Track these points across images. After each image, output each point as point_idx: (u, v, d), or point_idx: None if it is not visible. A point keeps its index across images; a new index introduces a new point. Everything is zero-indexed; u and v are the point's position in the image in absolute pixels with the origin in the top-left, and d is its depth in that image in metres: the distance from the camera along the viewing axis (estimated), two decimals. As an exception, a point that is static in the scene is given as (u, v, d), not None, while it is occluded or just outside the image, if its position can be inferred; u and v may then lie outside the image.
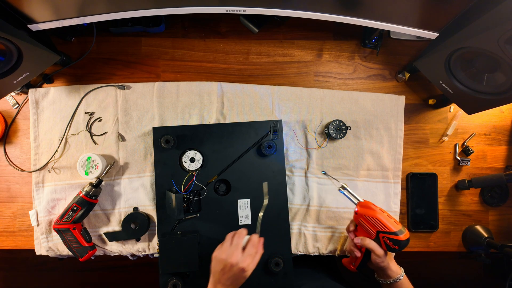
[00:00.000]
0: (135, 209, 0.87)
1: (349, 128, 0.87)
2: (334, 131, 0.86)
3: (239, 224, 0.83)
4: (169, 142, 0.82)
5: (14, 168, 0.89)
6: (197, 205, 0.83)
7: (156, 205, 0.84)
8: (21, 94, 0.90)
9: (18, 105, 0.89)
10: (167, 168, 0.83)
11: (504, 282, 0.87)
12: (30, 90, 0.88)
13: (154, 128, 0.85)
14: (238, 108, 0.89)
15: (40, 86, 0.89)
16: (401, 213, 0.90)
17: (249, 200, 0.84)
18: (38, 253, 0.88)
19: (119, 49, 0.91)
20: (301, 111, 0.90)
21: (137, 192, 0.87)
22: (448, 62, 0.73)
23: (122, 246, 0.87)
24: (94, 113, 0.88)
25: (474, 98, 0.75)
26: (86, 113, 0.88)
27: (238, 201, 0.84)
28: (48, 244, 0.87)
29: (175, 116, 0.88)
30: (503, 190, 0.92)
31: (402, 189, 0.90)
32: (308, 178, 0.88)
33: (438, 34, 0.72)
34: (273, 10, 0.73)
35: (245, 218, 0.84)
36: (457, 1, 0.63)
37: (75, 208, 0.80)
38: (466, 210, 0.92)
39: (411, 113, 0.92)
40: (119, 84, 0.88)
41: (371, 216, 0.69)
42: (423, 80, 0.92)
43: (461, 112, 0.90)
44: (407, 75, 0.90)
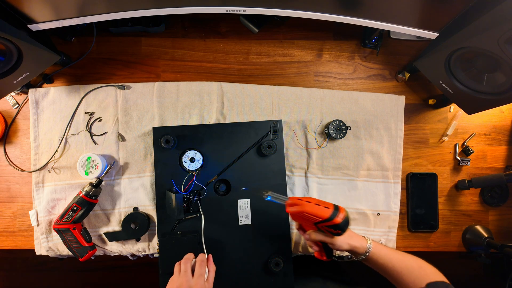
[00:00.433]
0: (135, 209, 0.87)
1: (349, 128, 0.87)
2: (334, 131, 0.86)
3: (239, 224, 0.83)
4: (169, 142, 0.82)
5: (14, 168, 0.89)
6: (197, 205, 0.83)
7: (156, 205, 0.84)
8: (21, 94, 0.90)
9: (18, 105, 0.89)
10: (167, 168, 0.83)
11: (504, 282, 0.87)
12: (30, 90, 0.88)
13: (154, 128, 0.85)
14: (238, 108, 0.89)
15: (40, 86, 0.89)
16: (401, 213, 0.90)
17: (249, 200, 0.84)
18: (38, 253, 0.88)
19: (119, 49, 0.92)
20: (301, 111, 0.90)
21: (137, 192, 0.87)
22: (448, 62, 0.73)
23: (122, 246, 0.87)
24: (94, 113, 0.88)
25: (474, 98, 0.75)
26: (86, 113, 0.88)
27: (238, 201, 0.84)
28: (48, 244, 0.87)
29: (175, 116, 0.88)
30: (503, 190, 0.92)
31: (402, 189, 0.90)
32: (308, 178, 0.88)
33: (438, 34, 0.72)
34: (273, 10, 0.73)
35: (245, 218, 0.84)
36: (457, 1, 0.63)
37: (75, 208, 0.80)
38: (466, 210, 0.92)
39: (411, 113, 0.92)
40: (119, 84, 0.89)
41: (299, 212, 0.65)
42: (423, 80, 0.92)
43: (461, 112, 0.90)
44: (407, 75, 0.90)
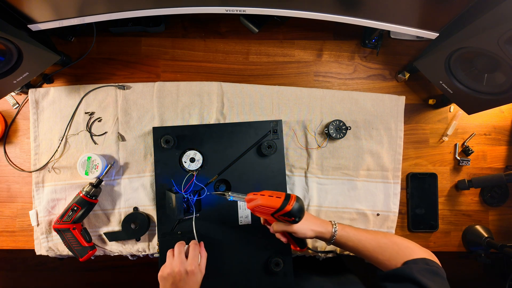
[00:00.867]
0: (135, 209, 0.87)
1: (349, 128, 0.87)
2: (334, 131, 0.86)
3: (239, 224, 0.83)
4: (169, 142, 0.82)
5: (14, 168, 0.89)
6: (197, 205, 0.83)
7: (156, 205, 0.84)
8: (21, 94, 0.90)
9: (18, 105, 0.89)
10: (167, 168, 0.83)
11: (504, 282, 0.87)
12: (30, 90, 0.88)
13: (154, 128, 0.85)
14: (238, 108, 0.89)
15: (40, 86, 0.89)
16: (401, 213, 0.90)
17: (249, 200, 0.84)
18: (38, 253, 0.88)
19: (119, 49, 0.92)
20: (301, 111, 0.90)
21: (137, 192, 0.87)
22: (448, 62, 0.73)
23: (122, 246, 0.87)
24: (94, 113, 0.88)
25: (474, 98, 0.75)
26: (86, 113, 0.88)
27: (238, 201, 0.84)
28: (48, 244, 0.87)
29: (175, 116, 0.88)
30: (503, 190, 0.92)
31: (402, 189, 0.90)
32: (308, 178, 0.88)
33: (438, 34, 0.72)
34: (273, 10, 0.73)
35: (245, 218, 0.84)
36: (457, 1, 0.63)
37: (75, 208, 0.80)
38: (466, 210, 0.92)
39: (411, 113, 0.92)
40: (119, 84, 0.89)
41: (256, 206, 0.66)
42: (423, 80, 0.92)
43: (461, 112, 0.90)
44: (407, 75, 0.90)
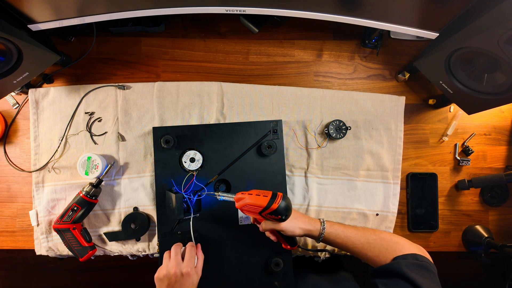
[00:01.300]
0: (135, 209, 0.87)
1: (349, 128, 0.87)
2: (334, 131, 0.86)
3: (239, 224, 0.83)
4: (169, 142, 0.82)
5: (14, 168, 0.89)
6: (197, 205, 0.83)
7: (156, 205, 0.84)
8: (21, 94, 0.90)
9: (18, 105, 0.89)
10: (167, 168, 0.83)
11: (504, 282, 0.87)
12: (30, 90, 0.88)
13: (154, 128, 0.85)
14: (238, 108, 0.89)
15: (40, 86, 0.89)
16: (401, 213, 0.90)
17: (249, 200, 0.84)
18: (38, 253, 0.88)
19: (119, 49, 0.92)
20: (301, 111, 0.90)
21: (137, 192, 0.87)
22: (448, 62, 0.73)
23: (122, 246, 0.87)
24: (94, 113, 0.88)
25: (474, 98, 0.75)
26: (86, 113, 0.88)
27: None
28: (48, 244, 0.87)
29: (175, 116, 0.88)
30: (503, 190, 0.92)
31: (401, 189, 0.90)
32: (308, 178, 0.88)
33: (438, 34, 0.72)
34: (273, 10, 0.73)
35: (245, 218, 0.84)
36: (457, 1, 0.63)
37: (75, 208, 0.80)
38: (466, 210, 0.92)
39: (411, 113, 0.92)
40: (119, 84, 0.89)
41: (244, 205, 0.66)
42: (423, 80, 0.92)
43: (461, 112, 0.90)
44: (407, 75, 0.90)
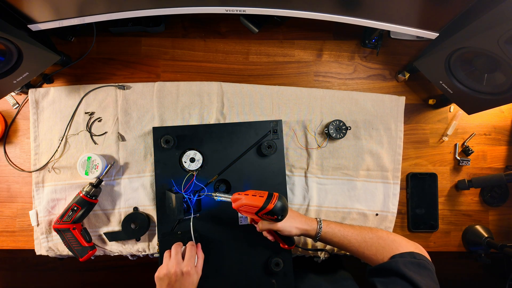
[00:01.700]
0: (135, 209, 0.87)
1: (349, 128, 0.87)
2: (334, 131, 0.86)
3: (239, 224, 0.83)
4: (169, 142, 0.82)
5: (14, 168, 0.89)
6: (197, 205, 0.83)
7: (156, 205, 0.84)
8: (21, 94, 0.90)
9: (18, 105, 0.89)
10: (167, 168, 0.83)
11: (504, 282, 0.87)
12: (30, 90, 0.88)
13: (154, 128, 0.85)
14: (238, 108, 0.89)
15: (40, 86, 0.89)
16: (401, 213, 0.90)
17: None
18: (38, 253, 0.88)
19: (119, 49, 0.92)
20: (301, 111, 0.90)
21: (137, 192, 0.87)
22: (448, 62, 0.73)
23: (122, 246, 0.87)
24: (94, 113, 0.88)
25: (474, 98, 0.75)
26: (86, 113, 0.88)
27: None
28: (48, 244, 0.87)
29: (175, 116, 0.88)
30: (503, 190, 0.92)
31: (401, 189, 0.90)
32: (308, 178, 0.88)
33: (438, 34, 0.72)
34: (273, 10, 0.73)
35: (244, 218, 0.83)
36: (457, 1, 0.63)
37: (75, 208, 0.80)
38: (466, 210, 0.92)
39: (411, 113, 0.92)
40: (119, 84, 0.89)
41: (241, 206, 0.67)
42: (423, 80, 0.92)
43: (461, 112, 0.90)
44: (407, 75, 0.90)
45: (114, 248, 0.87)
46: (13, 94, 0.89)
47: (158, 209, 0.83)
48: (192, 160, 0.83)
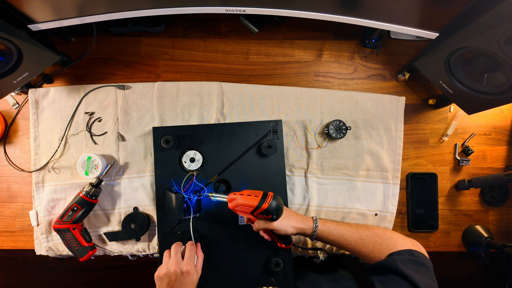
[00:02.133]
0: (135, 209, 0.87)
1: (349, 128, 0.87)
2: (334, 131, 0.86)
3: (239, 224, 0.83)
4: (169, 142, 0.82)
5: (14, 168, 0.89)
6: (197, 205, 0.83)
7: (156, 205, 0.84)
8: (21, 94, 0.90)
9: (18, 105, 0.89)
10: (167, 168, 0.83)
11: (504, 282, 0.87)
12: (30, 90, 0.88)
13: (154, 128, 0.85)
14: (238, 108, 0.89)
15: (40, 86, 0.89)
16: (401, 213, 0.90)
17: (249, 200, 0.83)
18: (38, 253, 0.88)
19: (119, 49, 0.92)
20: (301, 111, 0.90)
21: (137, 192, 0.87)
22: (448, 62, 0.73)
23: (122, 246, 0.87)
24: (94, 113, 0.88)
25: (474, 98, 0.75)
26: (86, 113, 0.88)
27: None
28: (48, 244, 0.87)
29: (175, 116, 0.88)
30: (503, 190, 0.92)
31: (401, 189, 0.90)
32: (308, 178, 0.88)
33: (438, 34, 0.72)
34: (273, 10, 0.73)
35: (243, 218, 0.83)
36: (457, 1, 0.63)
37: (75, 208, 0.80)
38: (466, 210, 0.92)
39: (411, 113, 0.92)
40: (119, 84, 0.89)
41: (236, 205, 0.67)
42: (423, 80, 0.92)
43: (461, 112, 0.90)
44: (407, 75, 0.90)
45: (114, 248, 0.87)
46: (13, 94, 0.89)
47: (158, 209, 0.83)
48: (192, 160, 0.83)
